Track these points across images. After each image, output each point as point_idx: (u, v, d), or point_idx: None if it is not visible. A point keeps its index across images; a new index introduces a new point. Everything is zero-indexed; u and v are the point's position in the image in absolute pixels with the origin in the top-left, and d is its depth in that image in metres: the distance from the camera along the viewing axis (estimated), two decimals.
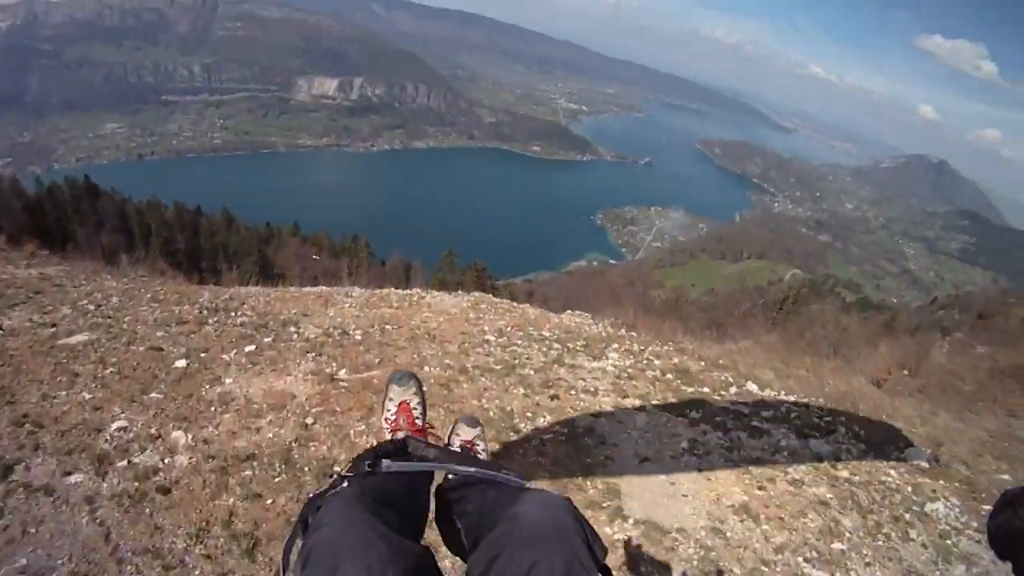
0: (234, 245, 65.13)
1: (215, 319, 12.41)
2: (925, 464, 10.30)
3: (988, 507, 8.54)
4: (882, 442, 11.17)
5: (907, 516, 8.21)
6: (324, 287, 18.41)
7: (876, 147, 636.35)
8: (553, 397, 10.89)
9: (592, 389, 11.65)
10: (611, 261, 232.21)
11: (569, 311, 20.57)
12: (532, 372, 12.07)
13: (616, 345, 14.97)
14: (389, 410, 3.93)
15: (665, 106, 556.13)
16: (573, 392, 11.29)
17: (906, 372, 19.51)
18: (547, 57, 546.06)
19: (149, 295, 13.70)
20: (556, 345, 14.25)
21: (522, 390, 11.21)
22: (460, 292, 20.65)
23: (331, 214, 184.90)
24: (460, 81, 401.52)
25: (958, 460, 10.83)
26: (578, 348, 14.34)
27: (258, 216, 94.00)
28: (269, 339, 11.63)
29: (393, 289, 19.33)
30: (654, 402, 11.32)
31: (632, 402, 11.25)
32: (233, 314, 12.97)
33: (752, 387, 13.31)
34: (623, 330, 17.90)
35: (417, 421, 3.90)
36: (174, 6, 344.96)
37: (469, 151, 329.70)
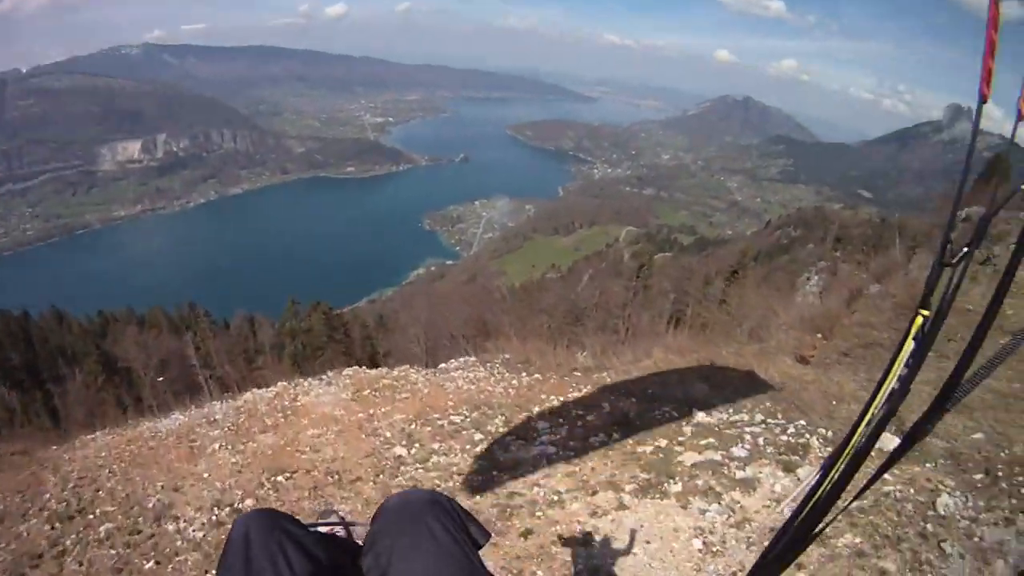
0: (71, 345, 62.42)
1: (73, 537, 10.29)
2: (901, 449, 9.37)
3: (980, 475, 8.57)
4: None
5: (930, 527, 7.90)
6: (181, 417, 16.32)
7: (681, 97, 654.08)
8: (525, 534, 9.04)
9: (555, 498, 10.07)
10: (448, 262, 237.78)
11: (454, 362, 20.06)
12: (478, 497, 10.44)
13: (536, 408, 14.18)
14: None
15: (470, 101, 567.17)
16: (540, 515, 9.54)
17: (820, 336, 19.67)
18: (346, 76, 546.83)
19: None
20: (477, 435, 13.06)
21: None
22: (330, 375, 18.84)
23: (163, 282, 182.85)
24: (264, 117, 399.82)
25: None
26: (500, 428, 13.28)
27: (90, 305, 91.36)
28: (150, 564, 9.69)
29: (255, 391, 17.92)
30: (628, 488, 9.84)
31: (606, 498, 9.76)
32: (92, 518, 10.86)
33: (701, 415, 12.61)
34: (524, 375, 17.48)
35: None
36: None
37: (285, 186, 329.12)
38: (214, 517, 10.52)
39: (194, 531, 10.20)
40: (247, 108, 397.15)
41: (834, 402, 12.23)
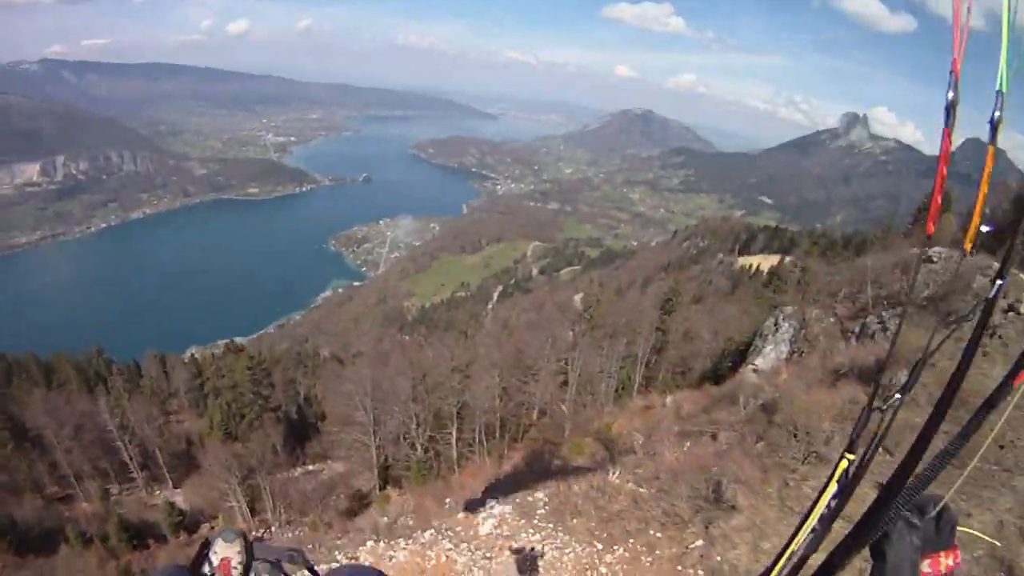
0: None
1: None
2: None
3: None
4: None
5: None
6: None
7: (582, 112, 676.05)
8: None
9: None
10: (355, 283, 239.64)
11: (489, 515, 17.77)
12: None
13: None
14: (211, 562, 3.74)
15: (372, 119, 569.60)
16: None
17: None
18: (247, 95, 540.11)
19: None
20: None
21: None
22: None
23: (67, 317, 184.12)
24: (164, 137, 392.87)
25: None
26: None
27: None
28: None
29: None
30: None
31: None
32: None
33: None
34: (598, 548, 15.23)
35: None
36: None
37: (187, 209, 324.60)
38: None
39: None
40: (147, 128, 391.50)
41: None
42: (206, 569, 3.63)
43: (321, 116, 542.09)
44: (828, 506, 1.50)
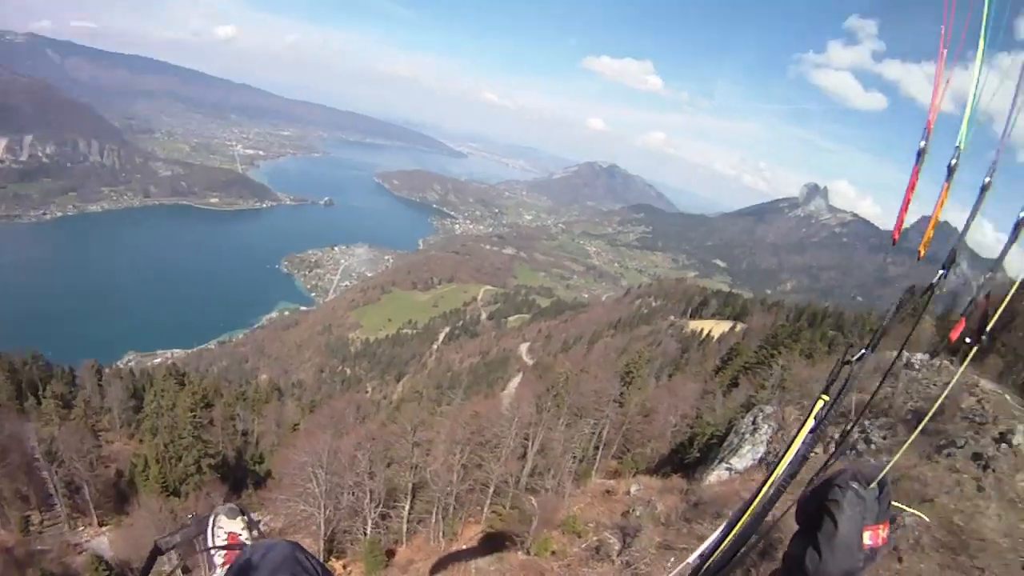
0: None
1: None
2: None
3: None
4: None
5: None
6: None
7: (549, 160, 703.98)
8: None
9: None
10: (303, 308, 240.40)
11: None
12: None
13: None
14: (219, 538, 3.83)
15: (344, 143, 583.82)
16: None
17: None
18: (223, 101, 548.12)
19: None
20: None
21: None
22: None
23: (5, 307, 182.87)
24: (134, 133, 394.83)
25: None
26: None
27: None
28: None
29: None
30: None
31: None
32: None
33: None
34: None
35: None
36: None
37: (145, 210, 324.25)
38: None
39: None
40: (120, 120, 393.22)
41: None
42: (214, 542, 3.86)
43: (293, 134, 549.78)
44: (805, 441, 2.23)
